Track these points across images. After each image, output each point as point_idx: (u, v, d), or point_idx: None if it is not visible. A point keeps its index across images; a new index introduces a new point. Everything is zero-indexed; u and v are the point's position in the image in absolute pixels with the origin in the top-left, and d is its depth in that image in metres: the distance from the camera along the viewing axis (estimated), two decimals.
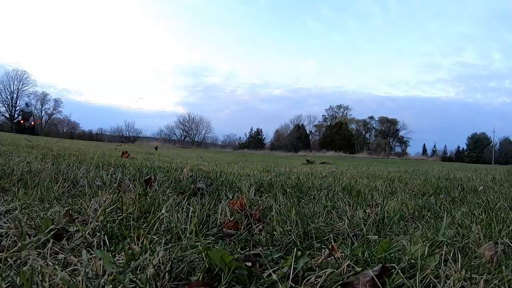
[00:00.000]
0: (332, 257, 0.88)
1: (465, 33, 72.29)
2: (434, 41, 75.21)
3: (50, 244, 0.88)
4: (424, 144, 63.69)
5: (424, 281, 0.81)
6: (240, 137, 63.43)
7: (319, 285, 0.78)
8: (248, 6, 78.22)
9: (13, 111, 49.66)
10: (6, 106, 49.70)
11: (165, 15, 78.30)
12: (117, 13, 75.44)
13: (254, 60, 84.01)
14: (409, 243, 1.01)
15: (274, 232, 1.21)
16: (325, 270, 0.82)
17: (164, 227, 1.12)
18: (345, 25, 78.12)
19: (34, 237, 0.95)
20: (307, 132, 64.02)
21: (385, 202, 1.77)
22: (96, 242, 0.98)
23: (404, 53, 77.64)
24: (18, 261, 0.82)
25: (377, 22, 74.28)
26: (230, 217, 1.34)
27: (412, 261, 0.89)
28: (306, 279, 0.81)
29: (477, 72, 71.32)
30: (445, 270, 0.86)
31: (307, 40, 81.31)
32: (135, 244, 0.96)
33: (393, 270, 0.82)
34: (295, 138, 59.02)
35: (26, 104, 30.66)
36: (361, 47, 78.39)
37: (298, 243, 1.10)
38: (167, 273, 0.78)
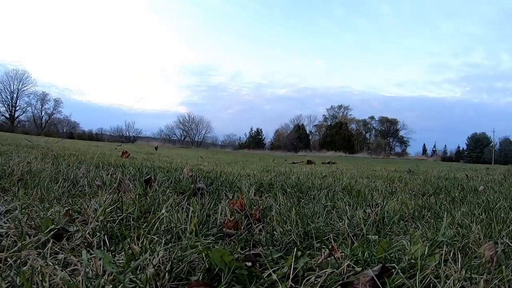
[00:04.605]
0: (332, 257, 0.88)
1: (476, 34, 72.44)
2: (445, 41, 75.30)
3: (50, 244, 0.88)
4: (424, 144, 63.76)
5: (424, 281, 0.81)
6: (240, 137, 63.47)
7: (319, 285, 0.78)
8: (259, 4, 78.11)
9: (13, 111, 49.74)
10: (6, 106, 49.75)
11: (171, 13, 78.30)
12: (121, 12, 75.51)
13: (261, 59, 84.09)
14: (409, 243, 1.01)
15: (274, 232, 1.21)
16: (325, 270, 0.82)
17: (164, 227, 1.12)
18: (357, 25, 78.18)
19: (34, 237, 0.95)
20: (307, 132, 64.02)
21: (385, 202, 1.77)
22: (96, 242, 0.98)
23: (414, 53, 77.79)
24: (18, 261, 0.82)
25: (389, 21, 74.28)
26: (230, 217, 1.34)
27: (412, 261, 0.89)
28: (306, 279, 0.81)
29: (485, 73, 71.57)
30: (445, 270, 0.85)
31: (317, 39, 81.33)
32: (135, 244, 0.96)
33: (393, 270, 0.82)
34: (295, 138, 59.04)
35: None
36: (371, 47, 78.49)
37: (298, 243, 1.10)
38: (167, 273, 0.78)
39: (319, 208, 1.63)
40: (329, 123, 63.93)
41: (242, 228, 1.26)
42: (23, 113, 52.51)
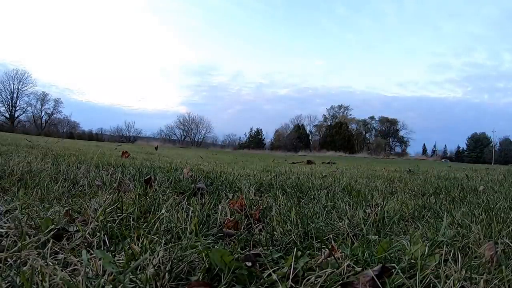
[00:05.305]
0: (332, 257, 0.88)
1: (478, 34, 72.50)
2: (447, 41, 75.34)
3: (50, 244, 0.88)
4: (424, 144, 63.83)
5: (424, 281, 0.81)
6: (240, 137, 63.58)
7: (319, 285, 0.78)
8: (262, 4, 77.97)
9: (13, 111, 49.77)
10: (6, 106, 49.79)
11: (171, 12, 78.17)
12: (121, 11, 75.47)
13: (263, 59, 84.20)
14: (409, 243, 1.01)
15: (274, 232, 1.21)
16: (325, 270, 0.82)
17: (164, 227, 1.12)
18: (359, 24, 78.17)
19: (34, 237, 0.95)
20: (307, 132, 64.04)
21: (385, 202, 1.77)
22: (96, 242, 0.98)
23: (416, 53, 77.87)
24: (18, 261, 0.82)
25: (391, 21, 74.23)
26: (230, 217, 1.34)
27: (412, 261, 0.89)
28: (306, 279, 0.81)
29: (487, 73, 71.80)
30: (445, 270, 0.85)
31: (319, 39, 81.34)
32: (135, 244, 0.96)
33: (393, 270, 0.82)
34: (295, 138, 59.05)
35: None
36: (373, 47, 78.48)
37: (298, 243, 1.10)
38: (167, 273, 0.78)
39: (319, 208, 1.63)
40: (329, 123, 63.98)
41: (242, 228, 1.26)
42: (23, 113, 52.62)
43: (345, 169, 5.26)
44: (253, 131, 63.54)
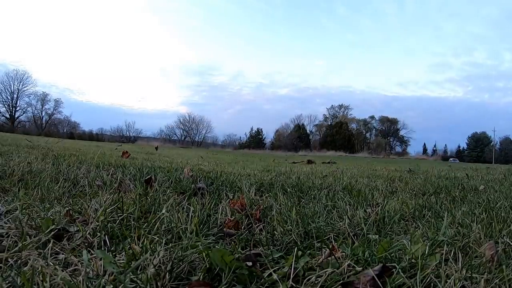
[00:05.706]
0: (333, 256, 0.88)
1: (478, 33, 72.55)
2: (447, 41, 75.35)
3: (50, 244, 0.88)
4: (424, 144, 63.84)
5: (424, 281, 0.81)
6: (240, 137, 63.63)
7: (319, 284, 0.78)
8: (262, 3, 77.91)
9: (13, 111, 49.83)
10: (6, 106, 49.86)
11: (171, 12, 78.14)
12: (121, 11, 75.43)
13: (263, 59, 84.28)
14: (409, 242, 1.01)
15: (275, 232, 1.21)
16: (325, 270, 0.82)
17: (165, 227, 1.12)
18: (360, 24, 78.20)
19: (34, 237, 0.95)
20: (308, 131, 64.01)
21: (385, 202, 1.77)
22: (97, 242, 0.98)
23: (416, 53, 77.90)
24: (19, 261, 0.82)
25: (392, 21, 74.26)
26: (231, 217, 1.34)
27: (413, 260, 0.89)
28: (307, 278, 0.81)
29: (487, 72, 71.90)
30: (446, 269, 0.85)
31: (319, 39, 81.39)
32: (135, 244, 0.96)
33: (394, 270, 0.82)
34: (295, 138, 59.04)
35: None
36: (374, 47, 78.47)
37: (298, 243, 1.10)
38: (167, 273, 0.78)
39: (320, 207, 1.63)
40: (329, 123, 63.97)
41: (242, 228, 1.26)
42: (23, 113, 52.73)
43: (346, 168, 5.26)
44: (254, 131, 63.63)
